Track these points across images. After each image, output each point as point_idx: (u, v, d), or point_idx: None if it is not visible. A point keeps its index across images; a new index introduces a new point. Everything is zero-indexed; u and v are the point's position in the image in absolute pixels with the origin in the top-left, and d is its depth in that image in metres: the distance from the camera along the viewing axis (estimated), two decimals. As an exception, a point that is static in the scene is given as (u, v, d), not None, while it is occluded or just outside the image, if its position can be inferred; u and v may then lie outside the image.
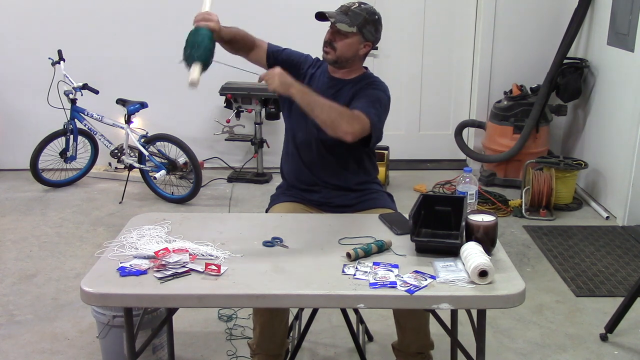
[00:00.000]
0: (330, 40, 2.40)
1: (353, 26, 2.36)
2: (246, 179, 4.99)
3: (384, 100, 2.43)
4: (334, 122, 2.18)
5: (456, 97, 5.35)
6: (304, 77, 2.50)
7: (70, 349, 2.80)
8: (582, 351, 2.78)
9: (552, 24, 4.97)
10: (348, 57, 2.41)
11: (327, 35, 2.41)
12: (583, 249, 3.77)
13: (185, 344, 2.83)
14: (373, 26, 2.41)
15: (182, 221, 2.28)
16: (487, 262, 1.80)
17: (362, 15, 2.38)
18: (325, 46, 2.42)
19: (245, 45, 2.44)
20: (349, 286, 1.82)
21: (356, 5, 2.40)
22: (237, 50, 2.44)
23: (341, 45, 2.38)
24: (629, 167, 4.02)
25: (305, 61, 2.56)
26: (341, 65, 2.44)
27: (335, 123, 2.19)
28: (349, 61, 2.43)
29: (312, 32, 2.95)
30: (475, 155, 5.04)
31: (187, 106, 5.11)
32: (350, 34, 2.37)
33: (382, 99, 2.42)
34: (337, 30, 2.37)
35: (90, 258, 3.60)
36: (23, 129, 5.11)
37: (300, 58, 2.56)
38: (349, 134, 2.20)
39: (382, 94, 2.43)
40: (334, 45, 2.39)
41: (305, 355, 2.75)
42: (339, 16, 2.36)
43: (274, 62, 2.45)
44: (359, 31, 2.37)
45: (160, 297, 1.82)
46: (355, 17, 2.37)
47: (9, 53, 4.99)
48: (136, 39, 4.99)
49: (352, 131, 2.20)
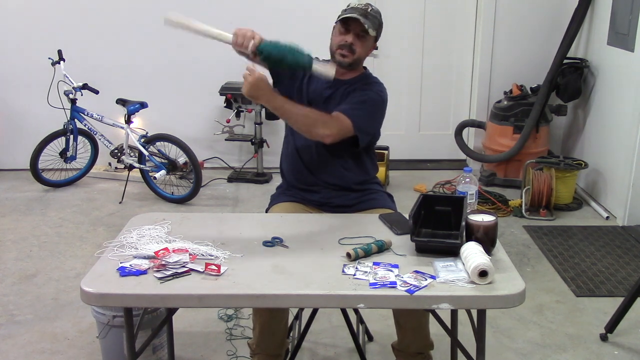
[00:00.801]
0: (351, 44, 2.36)
1: (374, 30, 2.36)
2: (246, 179, 4.99)
3: (375, 100, 2.42)
4: (309, 128, 2.26)
5: (456, 97, 5.35)
6: (303, 76, 2.50)
7: (70, 349, 2.80)
8: (582, 351, 2.78)
9: (552, 24, 4.97)
10: (362, 59, 2.42)
11: (349, 39, 2.36)
12: (583, 249, 3.77)
13: (185, 344, 2.83)
14: (381, 28, 2.43)
15: (182, 221, 2.28)
16: (487, 262, 1.80)
17: (377, 18, 2.39)
18: (343, 49, 2.37)
19: None
20: (349, 286, 1.82)
21: (370, 8, 2.38)
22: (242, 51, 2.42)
23: (361, 48, 2.38)
24: (629, 167, 4.03)
25: None
26: (352, 68, 2.43)
27: (310, 129, 2.26)
28: (360, 62, 2.44)
29: (313, 32, 2.95)
30: (475, 155, 5.04)
31: (187, 106, 5.11)
32: (369, 37, 2.37)
33: (372, 99, 2.41)
34: (360, 35, 2.34)
35: (90, 258, 3.60)
36: (23, 129, 5.11)
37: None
38: (327, 137, 2.27)
39: (373, 94, 2.42)
40: (353, 48, 2.36)
41: (305, 355, 2.75)
42: (366, 21, 2.32)
43: None
44: (375, 34, 2.38)
45: (160, 297, 1.82)
46: (374, 21, 2.36)
47: (9, 53, 5.00)
48: (136, 39, 4.99)
49: (329, 133, 2.26)
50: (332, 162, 2.47)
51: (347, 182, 2.51)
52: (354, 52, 2.37)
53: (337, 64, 2.38)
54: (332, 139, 2.28)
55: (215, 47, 2.32)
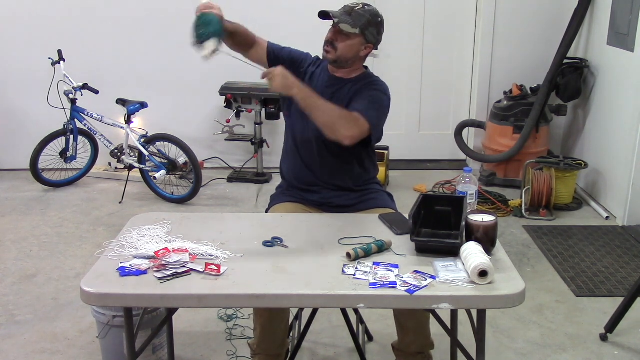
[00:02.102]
0: (332, 39, 2.39)
1: (356, 27, 2.35)
2: (246, 179, 4.99)
3: (384, 101, 2.43)
4: (334, 125, 2.22)
5: (456, 97, 5.35)
6: (305, 75, 2.50)
7: (70, 349, 2.80)
8: (582, 351, 2.78)
9: (552, 24, 4.97)
10: (348, 57, 2.41)
11: (329, 35, 2.41)
12: (583, 249, 3.77)
13: (185, 344, 2.83)
14: (375, 28, 2.41)
15: (182, 221, 2.28)
16: (487, 262, 1.80)
17: (365, 17, 2.38)
18: (327, 45, 2.41)
19: (246, 41, 2.43)
20: (349, 286, 1.82)
21: (360, 7, 2.40)
22: (238, 46, 2.42)
23: (342, 45, 2.38)
24: (629, 167, 4.02)
25: (305, 59, 2.56)
26: (341, 65, 2.44)
27: (335, 126, 2.22)
28: (349, 62, 2.43)
29: (313, 31, 2.95)
30: (475, 155, 5.04)
31: (187, 106, 5.11)
32: (352, 35, 2.36)
33: (382, 100, 2.42)
34: (339, 31, 2.36)
35: (90, 258, 3.60)
36: (23, 129, 5.11)
37: (301, 56, 2.55)
38: (347, 138, 2.24)
39: (383, 95, 2.43)
40: (335, 45, 2.39)
41: (305, 355, 2.74)
42: (342, 16, 2.36)
43: (274, 60, 2.45)
44: (361, 33, 2.37)
45: (160, 297, 1.82)
46: (358, 19, 2.36)
47: (9, 53, 4.99)
48: (136, 39, 4.99)
49: (350, 135, 2.24)
50: (332, 161, 2.47)
51: (347, 182, 2.51)
52: (335, 48, 2.38)
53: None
54: (350, 142, 2.26)
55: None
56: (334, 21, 2.36)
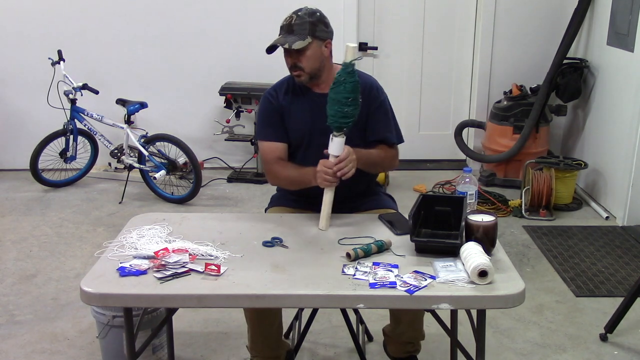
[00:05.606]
0: (294, 63, 2.32)
1: (305, 37, 2.27)
2: (246, 179, 4.99)
3: (389, 103, 2.47)
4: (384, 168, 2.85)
5: (456, 97, 5.35)
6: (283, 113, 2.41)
7: (70, 349, 2.80)
8: (582, 351, 2.78)
9: (552, 24, 4.97)
10: (318, 66, 2.33)
11: (288, 61, 2.33)
12: (583, 249, 3.77)
13: (185, 344, 2.83)
14: (321, 25, 2.32)
15: (182, 221, 2.28)
16: (487, 262, 1.80)
17: (305, 22, 2.28)
18: (293, 71, 2.34)
19: None
20: (348, 286, 1.82)
21: (295, 18, 2.29)
22: None
23: (305, 61, 2.30)
24: (629, 167, 4.02)
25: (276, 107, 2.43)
26: (317, 77, 2.36)
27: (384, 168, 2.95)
28: (321, 70, 2.35)
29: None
30: (475, 155, 5.04)
31: (187, 106, 5.11)
32: (307, 46, 2.28)
33: (388, 104, 2.46)
34: (294, 51, 2.28)
35: (90, 258, 3.60)
36: (23, 129, 5.11)
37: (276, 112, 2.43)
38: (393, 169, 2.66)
39: (385, 98, 2.45)
40: (299, 65, 2.31)
41: (305, 355, 2.74)
42: (287, 38, 2.27)
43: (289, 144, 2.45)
44: (312, 38, 2.28)
45: (160, 297, 1.83)
46: (301, 29, 2.27)
47: (9, 53, 5.00)
48: (136, 39, 4.98)
49: (396, 165, 2.52)
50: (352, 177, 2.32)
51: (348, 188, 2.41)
52: (302, 68, 2.31)
53: None
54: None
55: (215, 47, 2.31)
56: (283, 47, 2.29)
